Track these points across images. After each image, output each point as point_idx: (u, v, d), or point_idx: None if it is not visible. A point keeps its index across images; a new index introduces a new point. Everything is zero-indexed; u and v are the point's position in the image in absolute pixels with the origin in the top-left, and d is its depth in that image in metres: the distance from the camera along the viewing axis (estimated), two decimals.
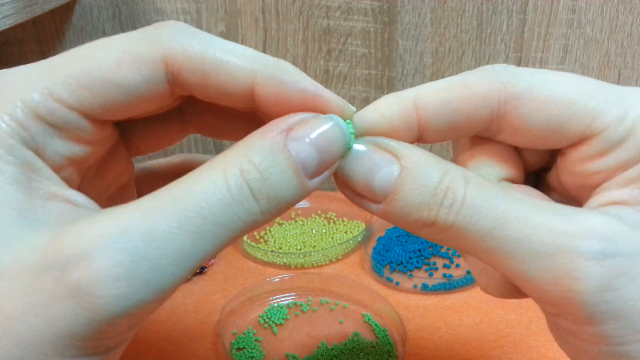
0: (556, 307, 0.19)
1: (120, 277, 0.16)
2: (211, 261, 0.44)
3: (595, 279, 0.17)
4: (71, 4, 0.51)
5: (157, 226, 0.17)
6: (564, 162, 0.22)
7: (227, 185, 0.17)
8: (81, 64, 0.19)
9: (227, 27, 0.52)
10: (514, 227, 0.18)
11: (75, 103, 0.19)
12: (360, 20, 0.51)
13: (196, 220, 0.17)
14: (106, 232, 0.16)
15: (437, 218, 0.19)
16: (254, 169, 0.18)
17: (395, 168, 0.19)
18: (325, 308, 0.40)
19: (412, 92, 0.21)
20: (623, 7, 0.48)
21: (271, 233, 0.49)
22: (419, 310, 0.39)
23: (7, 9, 0.35)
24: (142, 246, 0.16)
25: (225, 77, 0.20)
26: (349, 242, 0.46)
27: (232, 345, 0.36)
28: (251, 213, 0.18)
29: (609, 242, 0.18)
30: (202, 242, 0.17)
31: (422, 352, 0.35)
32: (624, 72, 0.50)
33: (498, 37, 0.50)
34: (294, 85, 0.20)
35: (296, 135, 0.19)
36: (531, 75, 0.21)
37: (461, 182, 0.19)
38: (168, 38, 0.20)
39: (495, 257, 0.19)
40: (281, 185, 0.18)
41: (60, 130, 0.19)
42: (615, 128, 0.20)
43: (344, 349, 0.35)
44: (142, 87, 0.20)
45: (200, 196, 0.17)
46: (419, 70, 0.52)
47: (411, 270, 0.43)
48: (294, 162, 0.18)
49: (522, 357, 0.35)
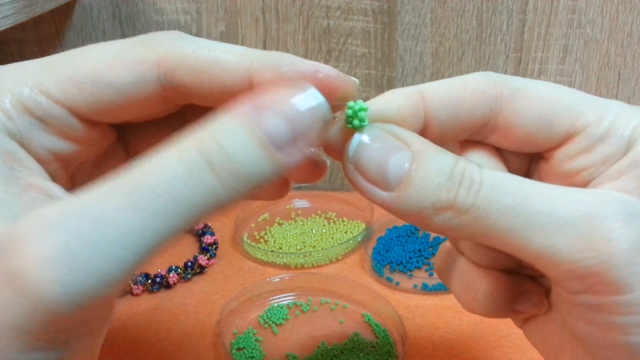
0: (586, 280, 0.18)
1: (59, 260, 0.15)
2: (211, 261, 0.45)
3: (628, 239, 0.18)
4: (71, 4, 0.51)
5: (106, 206, 0.15)
6: (550, 165, 0.23)
7: (184, 161, 0.16)
8: (74, 63, 0.20)
9: (227, 27, 0.52)
10: (537, 201, 0.18)
11: (62, 98, 0.19)
12: (360, 20, 0.51)
13: (148, 199, 0.16)
14: (50, 214, 0.16)
15: (457, 199, 0.19)
16: (214, 143, 0.17)
17: (408, 153, 0.19)
18: (325, 308, 0.40)
19: (417, 86, 0.22)
20: (623, 7, 0.48)
21: (271, 233, 0.49)
22: (419, 310, 0.39)
23: (7, 9, 0.35)
24: (86, 228, 0.15)
25: (220, 73, 0.20)
26: (349, 242, 0.46)
27: (232, 345, 0.36)
28: (212, 190, 0.17)
29: (632, 206, 0.18)
30: (155, 222, 0.16)
31: (422, 352, 0.35)
32: (624, 72, 0.50)
33: (498, 37, 0.50)
34: (291, 67, 0.20)
35: (263, 105, 0.18)
36: (519, 80, 0.22)
37: (475, 166, 0.19)
38: (161, 41, 0.20)
39: (518, 236, 0.18)
40: (245, 159, 0.17)
41: (46, 124, 0.20)
42: (597, 125, 0.21)
43: (344, 349, 0.35)
44: (132, 87, 0.20)
45: (155, 174, 0.16)
46: (419, 70, 0.52)
47: (411, 270, 0.43)
48: (260, 133, 0.17)
49: (522, 357, 0.35)
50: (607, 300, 0.18)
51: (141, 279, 0.42)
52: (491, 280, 0.23)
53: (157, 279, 0.42)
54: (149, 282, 0.42)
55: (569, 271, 0.18)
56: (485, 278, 0.23)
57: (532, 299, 0.23)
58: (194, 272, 0.43)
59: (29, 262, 0.15)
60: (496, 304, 0.23)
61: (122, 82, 0.20)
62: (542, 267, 0.19)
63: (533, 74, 0.51)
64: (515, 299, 0.23)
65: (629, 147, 0.21)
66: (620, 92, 0.51)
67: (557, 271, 0.19)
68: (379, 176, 0.19)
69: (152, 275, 0.42)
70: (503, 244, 0.19)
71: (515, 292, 0.23)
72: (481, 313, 0.23)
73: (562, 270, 0.18)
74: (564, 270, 0.18)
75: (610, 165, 0.21)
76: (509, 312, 0.23)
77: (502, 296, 0.23)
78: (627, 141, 0.21)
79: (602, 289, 0.18)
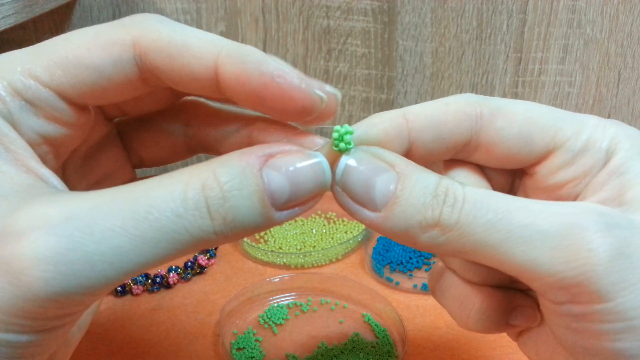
0: (568, 290, 0.18)
1: (48, 260, 0.16)
2: (211, 261, 0.45)
3: (607, 249, 0.18)
4: (71, 4, 0.51)
5: (100, 221, 0.16)
6: (534, 181, 0.23)
7: (184, 197, 0.17)
8: (59, 48, 0.20)
9: (227, 27, 0.52)
10: (518, 215, 0.19)
11: (49, 81, 0.20)
12: (360, 20, 0.51)
13: (141, 224, 0.17)
14: (51, 214, 0.16)
15: (441, 216, 0.19)
16: (217, 186, 0.17)
17: (393, 174, 0.20)
18: (325, 308, 0.40)
19: (401, 109, 0.22)
20: (623, 7, 0.48)
21: (271, 233, 0.49)
22: (419, 310, 0.39)
23: (7, 9, 0.35)
24: (78, 236, 0.16)
25: (189, 59, 0.20)
26: (349, 242, 0.46)
27: (232, 345, 0.36)
28: (203, 230, 0.17)
29: (609, 217, 0.19)
30: (143, 247, 0.17)
31: (422, 352, 0.35)
32: (624, 72, 0.50)
33: (498, 37, 0.50)
34: (255, 65, 0.20)
35: (274, 164, 0.18)
36: (498, 100, 0.23)
37: (457, 185, 0.20)
38: (138, 24, 0.21)
39: (502, 250, 0.19)
40: (242, 210, 0.17)
41: (35, 107, 0.20)
42: (575, 138, 0.22)
43: (344, 349, 0.35)
44: (111, 68, 0.21)
45: (153, 201, 0.17)
46: (419, 70, 0.52)
47: (411, 270, 0.43)
48: (262, 190, 0.18)
49: (522, 357, 0.35)
50: (591, 309, 0.18)
51: (141, 279, 0.42)
52: (484, 296, 0.23)
53: (157, 279, 0.42)
54: (149, 282, 0.42)
55: (552, 282, 0.19)
56: (479, 295, 0.23)
57: (525, 312, 0.23)
58: (194, 272, 0.43)
59: (23, 256, 0.16)
60: (491, 320, 0.23)
61: (101, 63, 0.20)
62: (527, 280, 0.19)
63: (533, 74, 0.51)
64: (508, 313, 0.23)
65: (608, 158, 0.21)
66: (620, 92, 0.51)
67: (541, 283, 0.19)
68: (366, 198, 0.20)
69: (152, 275, 0.42)
70: (488, 259, 0.19)
71: (508, 307, 0.23)
72: (477, 330, 0.23)
73: (546, 282, 0.19)
74: (547, 282, 0.19)
75: (592, 177, 0.22)
76: (503, 327, 0.23)
77: (496, 312, 0.23)
78: (606, 153, 0.21)
79: (585, 298, 0.18)
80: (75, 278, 0.16)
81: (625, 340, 0.18)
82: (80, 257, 0.16)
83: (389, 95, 0.53)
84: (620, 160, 0.21)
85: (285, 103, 0.20)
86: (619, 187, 0.20)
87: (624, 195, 0.20)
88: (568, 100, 0.52)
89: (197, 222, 0.17)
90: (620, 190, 0.20)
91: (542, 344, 0.23)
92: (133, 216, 0.17)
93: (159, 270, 0.43)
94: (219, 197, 0.17)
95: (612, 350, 0.19)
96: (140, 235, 0.17)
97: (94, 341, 0.36)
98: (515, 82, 0.52)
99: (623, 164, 0.21)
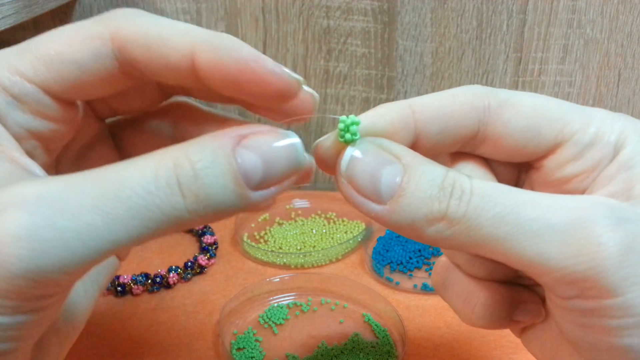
0: (577, 285, 0.18)
1: (22, 237, 0.16)
2: (211, 261, 0.45)
3: (617, 243, 0.18)
4: (71, 4, 0.51)
5: (71, 197, 0.16)
6: (541, 175, 0.23)
7: (155, 175, 0.17)
8: (43, 44, 0.21)
9: (227, 27, 0.52)
10: (527, 208, 0.19)
11: (34, 77, 0.21)
12: (360, 20, 0.51)
13: (112, 202, 0.17)
14: (26, 193, 0.17)
15: (448, 209, 0.19)
16: (189, 165, 0.17)
17: (399, 167, 0.20)
18: (325, 308, 0.40)
19: (407, 100, 0.22)
20: (623, 7, 0.48)
21: (271, 233, 0.49)
22: (419, 310, 0.39)
23: (7, 9, 0.35)
24: (50, 213, 0.16)
25: (166, 50, 0.21)
26: (349, 242, 0.46)
27: (232, 345, 0.36)
28: (175, 208, 0.17)
29: (619, 211, 0.19)
30: (114, 225, 0.17)
31: (422, 352, 0.35)
32: (624, 72, 0.50)
33: (498, 37, 0.50)
34: (230, 52, 0.20)
35: (247, 144, 0.18)
36: (505, 92, 0.22)
37: (464, 177, 0.19)
38: (117, 18, 0.21)
39: (509, 244, 0.18)
40: (214, 188, 0.17)
41: (21, 102, 0.21)
42: (583, 132, 0.21)
43: (344, 349, 0.35)
44: (91, 63, 0.21)
45: (125, 179, 0.17)
46: (419, 70, 0.52)
47: (411, 270, 0.43)
48: (235, 169, 0.18)
49: (522, 357, 0.35)
50: (599, 305, 0.18)
51: (141, 279, 0.42)
52: (489, 291, 0.23)
53: (157, 279, 0.42)
54: (149, 282, 0.42)
55: (560, 277, 0.18)
56: (483, 290, 0.23)
57: (530, 308, 0.23)
58: (194, 272, 0.43)
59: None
60: (495, 315, 0.23)
61: (82, 58, 0.21)
62: (534, 274, 0.19)
63: (533, 74, 0.51)
64: (513, 309, 0.23)
65: (616, 152, 0.21)
66: (620, 92, 0.51)
67: (549, 278, 0.19)
68: (371, 190, 0.20)
69: (152, 275, 0.42)
70: (495, 253, 0.19)
71: (513, 303, 0.23)
72: (481, 325, 0.23)
73: (554, 277, 0.18)
74: (556, 276, 0.18)
75: (600, 171, 0.21)
76: (507, 322, 0.23)
77: (501, 307, 0.23)
78: (614, 146, 0.21)
79: (594, 293, 0.18)
80: (48, 256, 0.16)
81: (635, 336, 0.18)
82: (52, 234, 0.16)
83: (389, 95, 0.53)
84: (628, 154, 0.21)
85: (262, 87, 0.20)
86: (627, 180, 0.20)
87: (632, 189, 0.20)
88: (568, 100, 0.52)
89: (168, 200, 0.17)
90: (629, 184, 0.20)
91: (547, 340, 0.23)
92: (104, 194, 0.17)
93: (159, 270, 0.43)
94: (191, 175, 0.17)
95: (621, 346, 0.18)
96: (112, 213, 0.16)
97: (94, 341, 0.36)
98: (515, 82, 0.51)
99: (632, 158, 0.21)
